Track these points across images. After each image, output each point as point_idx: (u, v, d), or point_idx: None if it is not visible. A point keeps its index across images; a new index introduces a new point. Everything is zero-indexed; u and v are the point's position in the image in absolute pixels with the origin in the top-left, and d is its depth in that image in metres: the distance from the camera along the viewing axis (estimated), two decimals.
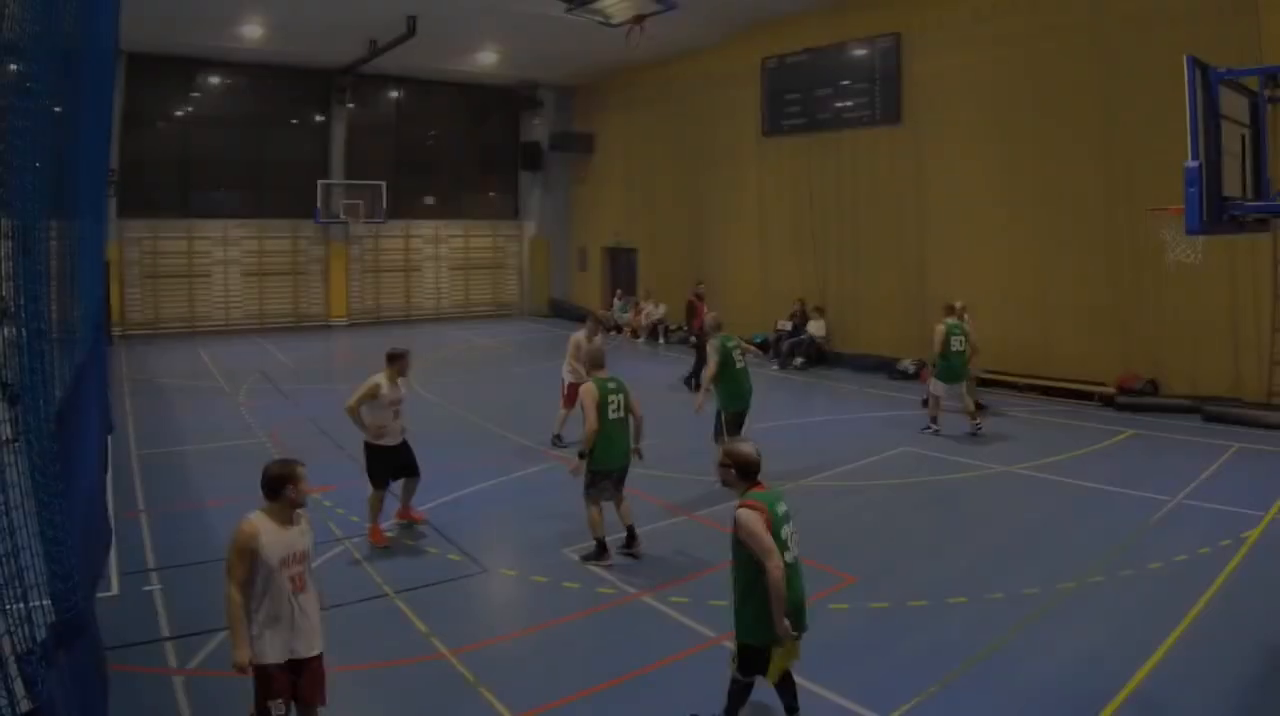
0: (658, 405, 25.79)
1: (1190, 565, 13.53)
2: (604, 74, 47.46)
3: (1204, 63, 10.28)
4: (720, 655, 10.40)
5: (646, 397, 25.22)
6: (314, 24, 35.98)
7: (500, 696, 9.68)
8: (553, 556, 14.17)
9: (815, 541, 14.68)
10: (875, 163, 33.45)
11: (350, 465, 18.67)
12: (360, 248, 47.96)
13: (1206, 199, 10.07)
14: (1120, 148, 26.06)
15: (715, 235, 41.31)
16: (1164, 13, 24.82)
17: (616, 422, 13.91)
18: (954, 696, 9.77)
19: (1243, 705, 9.57)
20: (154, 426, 23.51)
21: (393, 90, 48.67)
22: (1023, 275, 28.88)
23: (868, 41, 33.37)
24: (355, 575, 13.32)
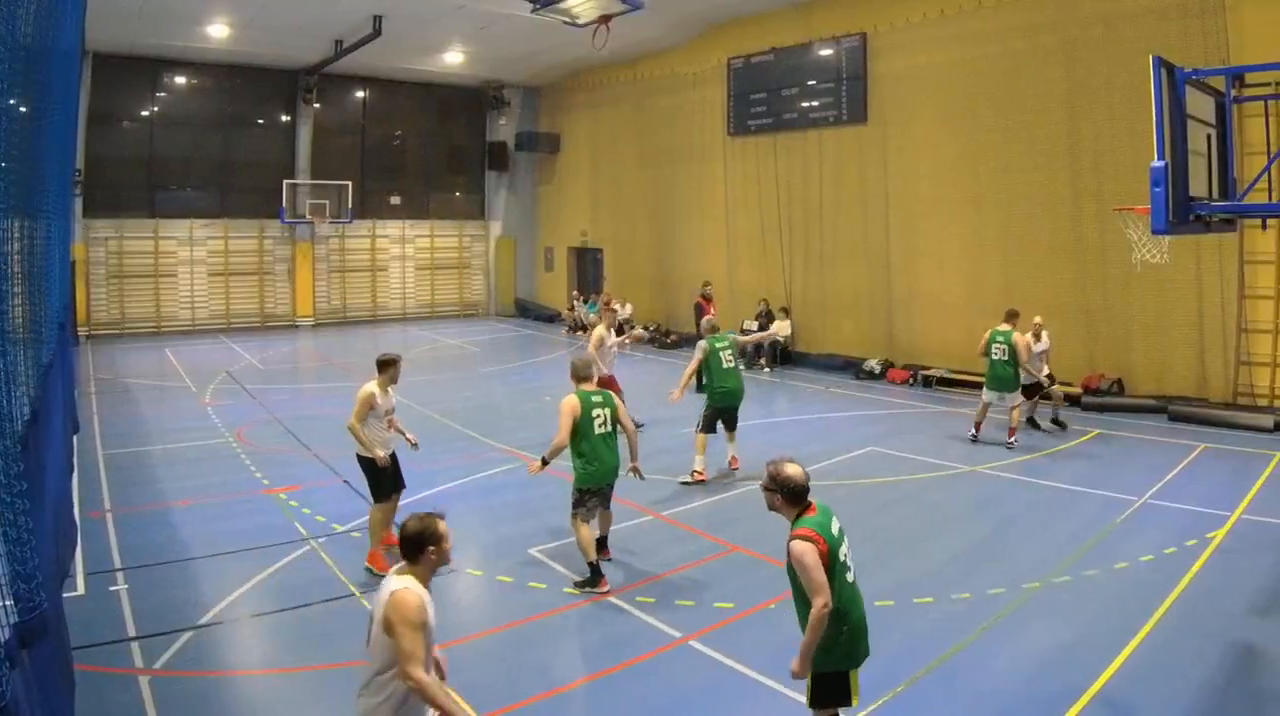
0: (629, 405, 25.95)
1: (1156, 565, 13.60)
2: (570, 74, 47.55)
3: (1170, 63, 10.34)
4: (687, 655, 10.61)
5: None
6: (280, 24, 35.97)
7: (466, 696, 9.58)
8: (519, 556, 14.17)
9: (781, 541, 14.76)
10: (841, 163, 33.56)
11: (315, 464, 18.77)
12: (326, 248, 47.91)
13: (1173, 199, 10.15)
14: (1086, 147, 26.22)
15: (681, 235, 41.43)
16: (1130, 13, 24.99)
17: (603, 437, 13.37)
18: (921, 696, 9.81)
19: (1209, 705, 9.61)
20: (120, 426, 23.44)
21: (359, 90, 48.61)
22: (988, 275, 29.04)
23: (833, 41, 33.51)
24: (321, 574, 13.30)
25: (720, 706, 9.70)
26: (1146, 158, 10.14)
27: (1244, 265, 23.88)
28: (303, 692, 10.01)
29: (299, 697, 9.92)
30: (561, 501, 14.78)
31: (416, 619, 6.77)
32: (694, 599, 12.36)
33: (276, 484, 17.98)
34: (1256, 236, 22.14)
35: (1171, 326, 24.93)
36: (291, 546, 14.47)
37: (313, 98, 45.72)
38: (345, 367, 33.50)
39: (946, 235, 30.30)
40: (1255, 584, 12.83)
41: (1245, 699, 9.75)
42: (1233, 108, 12.76)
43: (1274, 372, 23.68)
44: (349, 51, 38.59)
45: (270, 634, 11.54)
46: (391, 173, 50.47)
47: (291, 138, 46.25)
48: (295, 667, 10.40)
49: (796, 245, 35.36)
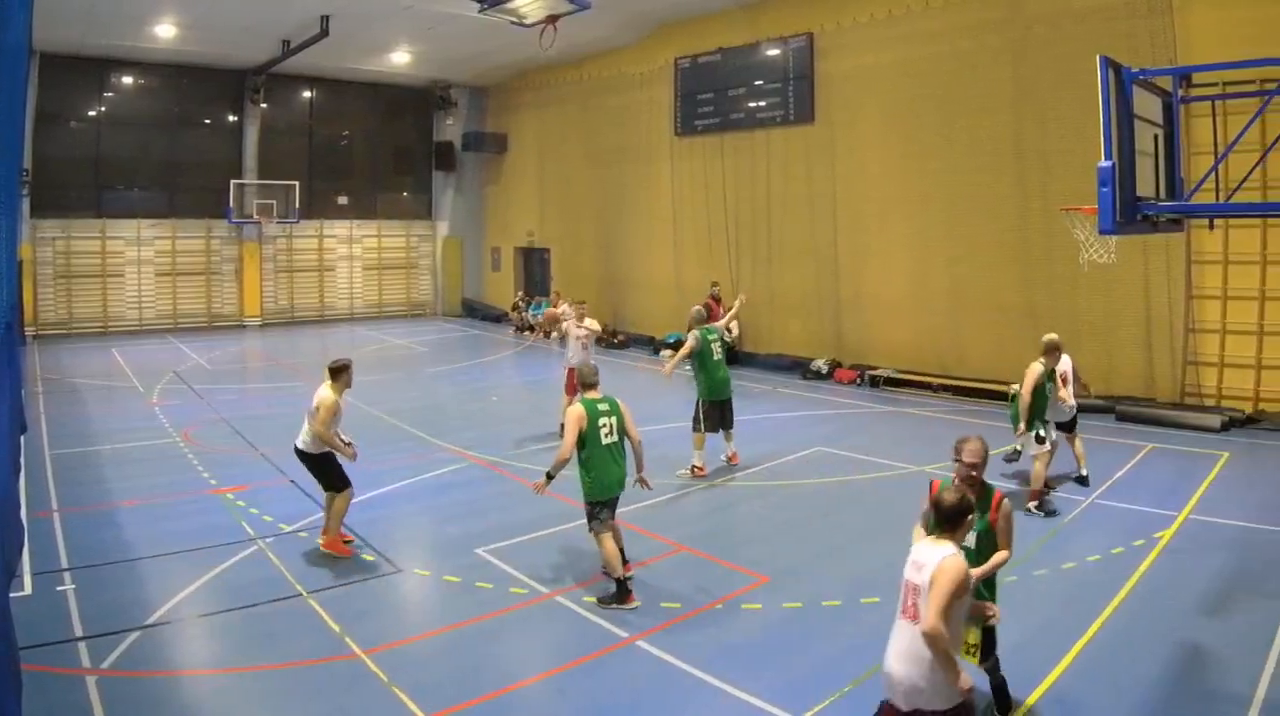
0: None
1: (1104, 565, 13.69)
2: (517, 74, 47.54)
3: (1117, 63, 10.39)
4: (634, 655, 10.69)
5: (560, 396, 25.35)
6: (227, 24, 35.83)
7: (413, 696, 9.69)
8: (466, 556, 14.16)
9: (727, 541, 14.91)
10: (788, 163, 33.63)
11: (263, 464, 18.76)
12: (273, 248, 47.79)
13: (1120, 199, 10.22)
14: (1033, 147, 26.35)
15: (629, 235, 41.46)
16: (1077, 13, 25.14)
17: (611, 448, 12.81)
18: (868, 696, 9.46)
19: (1156, 704, 9.71)
20: (67, 426, 23.36)
21: (306, 90, 48.53)
22: (936, 275, 29.15)
23: (780, 41, 33.57)
24: (269, 575, 13.26)
25: (667, 706, 9.73)
26: (1093, 158, 10.20)
27: (1191, 265, 24.04)
28: (250, 692, 10.00)
29: (246, 697, 9.90)
30: (508, 501, 14.95)
31: (964, 586, 7.40)
32: (641, 598, 12.35)
33: (224, 484, 17.93)
34: (1204, 236, 22.40)
35: (1119, 326, 25.06)
36: (239, 546, 14.43)
37: (260, 98, 45.58)
38: (292, 368, 33.58)
39: (893, 235, 30.39)
40: (1202, 584, 12.92)
41: (1193, 698, 9.85)
42: (1180, 108, 12.79)
43: (1221, 373, 23.89)
44: (296, 51, 38.53)
45: (217, 634, 11.49)
46: (338, 173, 50.40)
47: (239, 138, 46.09)
48: (243, 667, 10.38)
49: (744, 245, 35.46)
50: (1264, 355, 23.25)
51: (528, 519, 15.41)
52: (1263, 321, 23.20)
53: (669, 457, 19.34)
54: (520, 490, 16.55)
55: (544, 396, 28.06)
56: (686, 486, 18.20)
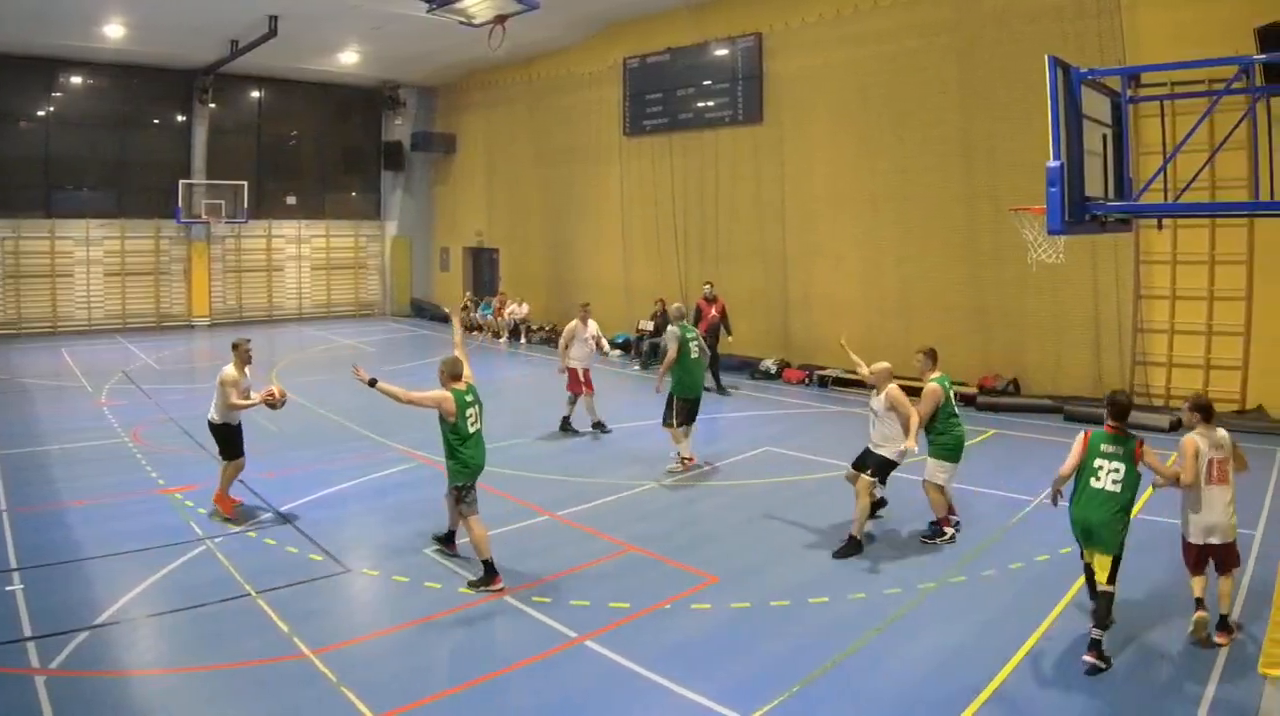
0: (523, 406, 25.94)
1: (1052, 565, 13.78)
2: (466, 74, 47.49)
3: (1066, 63, 10.47)
4: (582, 655, 10.74)
5: (511, 398, 25.34)
6: (176, 24, 35.64)
7: (362, 696, 9.70)
8: (414, 556, 14.19)
9: (677, 541, 14.90)
10: (737, 162, 33.72)
11: (211, 464, 18.54)
12: (222, 248, 47.57)
13: (1068, 199, 10.29)
14: (982, 147, 26.48)
15: (577, 235, 41.51)
16: (1026, 13, 25.28)
17: (477, 435, 13.76)
18: (816, 696, 9.87)
19: (1104, 703, 9.76)
20: (16, 426, 23.32)
21: (254, 90, 48.31)
22: (884, 274, 29.29)
23: (729, 41, 33.66)
24: (217, 575, 13.23)
25: (615, 706, 9.77)
26: (1042, 157, 10.28)
27: (1139, 265, 24.19)
28: (199, 692, 9.98)
29: (195, 697, 9.89)
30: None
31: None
32: (589, 598, 12.38)
33: (172, 483, 17.91)
34: (1152, 236, 22.60)
35: (1067, 326, 25.19)
36: (187, 546, 14.41)
37: (208, 98, 45.32)
38: None
39: (842, 235, 30.46)
40: (1150, 582, 13.05)
41: (1140, 695, 9.91)
42: (1129, 108, 12.86)
43: (1170, 373, 24.04)
44: (245, 51, 38.39)
45: (166, 633, 11.47)
46: (287, 173, 50.19)
47: (187, 138, 45.87)
48: (192, 667, 10.38)
49: (692, 245, 35.54)
50: (1212, 355, 23.45)
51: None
52: (1211, 321, 23.40)
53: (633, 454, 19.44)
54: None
55: (492, 396, 28.15)
56: (628, 486, 18.17)
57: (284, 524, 15.67)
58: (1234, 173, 18.50)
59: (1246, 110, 12.32)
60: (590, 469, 19.67)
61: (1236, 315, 23.09)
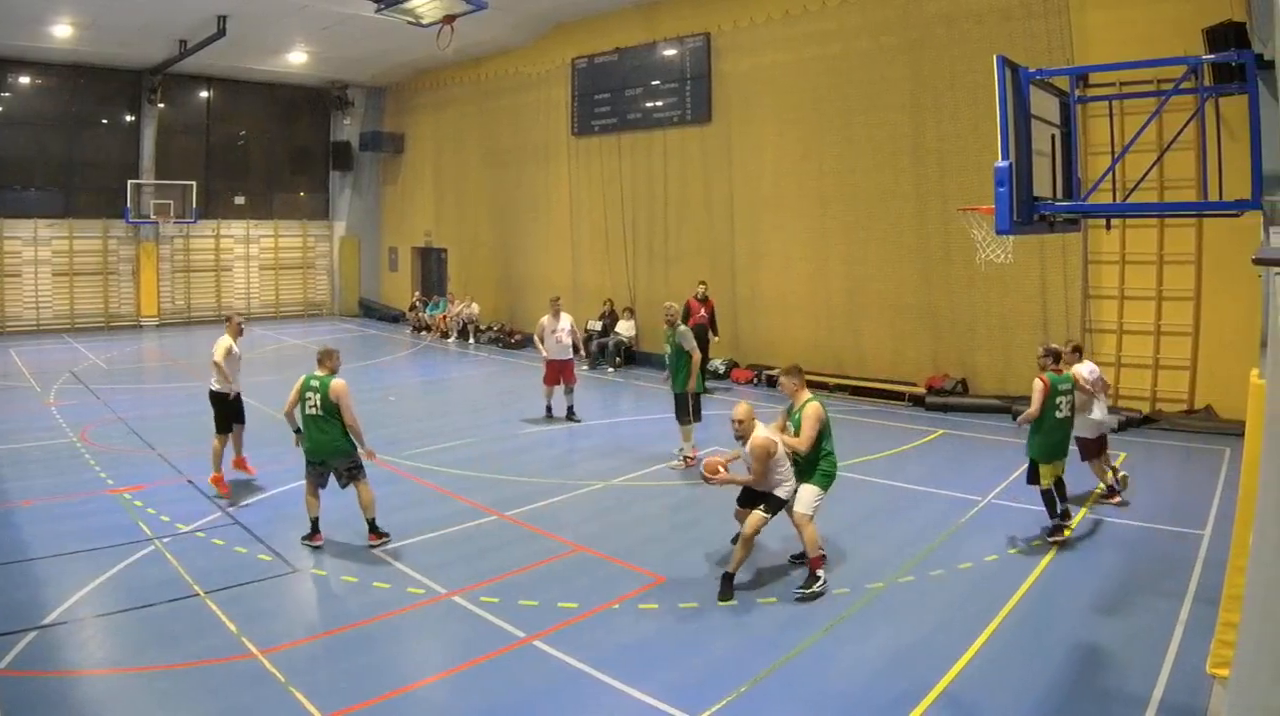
0: (472, 406, 25.97)
1: (1000, 565, 13.83)
2: (414, 74, 47.51)
3: (1014, 63, 10.50)
4: (531, 655, 10.75)
5: (460, 398, 25.33)
6: (124, 24, 35.50)
7: (311, 696, 9.70)
8: (363, 556, 14.21)
9: (624, 541, 14.96)
10: (686, 162, 33.77)
11: (160, 464, 18.72)
12: (171, 248, 47.39)
13: (1017, 199, 10.29)
14: (931, 147, 26.54)
15: (526, 235, 41.48)
16: (974, 13, 25.36)
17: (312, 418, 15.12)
18: (764, 696, 9.89)
19: (1053, 704, 9.80)
20: None
21: (203, 90, 48.10)
22: (833, 275, 29.29)
23: (677, 41, 33.68)
24: (165, 575, 13.20)
25: (563, 706, 9.77)
26: (991, 157, 10.28)
27: (1088, 265, 24.26)
28: (148, 692, 9.96)
29: (144, 697, 9.86)
30: (405, 501, 15.08)
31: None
32: (538, 599, 12.40)
33: (121, 484, 17.85)
34: (1101, 236, 22.68)
35: (1016, 326, 25.21)
36: (136, 546, 14.38)
37: (157, 98, 45.18)
38: (189, 368, 33.14)
39: (791, 235, 30.50)
40: (1098, 584, 13.07)
41: (1091, 699, 9.94)
42: (1077, 107, 12.92)
43: (1118, 372, 24.05)
44: (193, 51, 38.20)
45: (115, 633, 11.44)
46: (236, 173, 50.03)
47: (136, 138, 45.71)
48: (140, 667, 10.36)
49: (641, 245, 35.58)
50: (1161, 355, 23.55)
51: (424, 518, 15.53)
52: (1160, 321, 23.50)
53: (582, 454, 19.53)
54: (417, 490, 16.62)
55: (441, 396, 28.10)
56: (574, 486, 18.19)
57: (233, 524, 15.65)
58: (1182, 173, 18.66)
59: (1195, 110, 12.39)
60: (540, 469, 19.68)
61: (1185, 315, 23.20)
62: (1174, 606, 12.06)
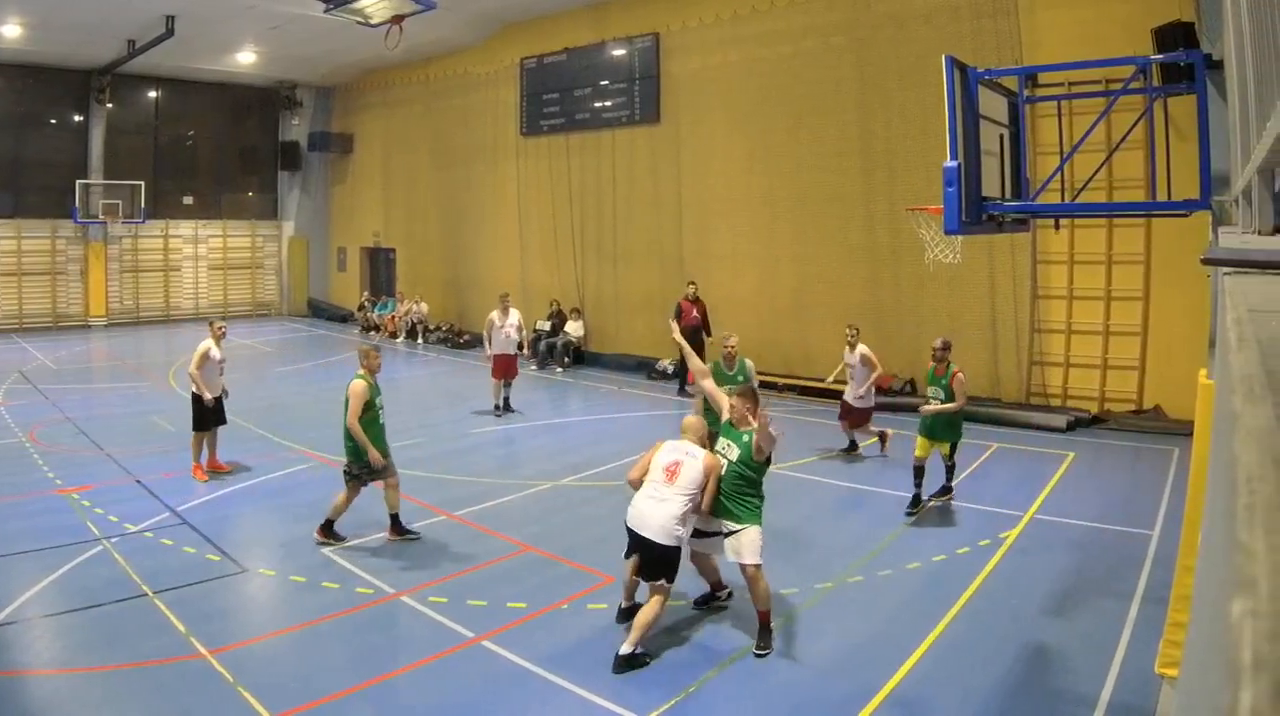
0: (422, 405, 25.97)
1: (949, 565, 13.89)
2: (363, 74, 47.47)
3: (963, 63, 10.61)
4: (479, 655, 10.80)
5: (410, 398, 25.38)
6: (72, 23, 35.35)
7: (259, 696, 9.70)
8: (312, 556, 14.21)
9: (572, 541, 15.03)
10: (634, 163, 33.86)
11: (109, 464, 18.69)
12: (119, 248, 47.24)
13: (965, 198, 10.39)
14: (879, 147, 26.65)
15: (474, 235, 41.54)
16: (922, 13, 25.51)
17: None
18: (712, 696, 9.97)
19: (1001, 704, 9.88)
20: None
21: (151, 90, 47.96)
22: (781, 274, 29.44)
23: (626, 41, 33.80)
24: (114, 575, 13.17)
25: (512, 706, 9.80)
26: (939, 157, 10.43)
27: (1037, 265, 24.43)
28: (95, 693, 9.96)
29: (91, 698, 9.87)
30: (357, 502, 14.95)
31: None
32: (486, 598, 12.44)
33: (69, 483, 17.77)
34: (1049, 236, 22.79)
35: (965, 326, 25.17)
36: (84, 546, 14.34)
37: (106, 98, 44.99)
38: (137, 368, 33.32)
39: (739, 235, 30.61)
40: (1048, 584, 13.14)
41: (1039, 699, 10.00)
42: (1025, 107, 13.04)
43: (1067, 372, 24.29)
44: (142, 51, 38.12)
45: (63, 634, 11.43)
46: (184, 173, 49.89)
47: (84, 138, 45.53)
48: (88, 668, 10.36)
49: (589, 245, 35.69)
50: (1109, 355, 23.72)
51: (374, 519, 15.42)
52: (1108, 321, 23.68)
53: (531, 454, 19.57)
54: (366, 490, 16.63)
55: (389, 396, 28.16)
56: (523, 486, 18.24)
57: (181, 524, 15.58)
58: (1131, 173, 18.90)
59: (1144, 110, 12.53)
60: (488, 469, 19.77)
61: (1134, 315, 23.38)
62: (1122, 606, 12.14)
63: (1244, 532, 0.82)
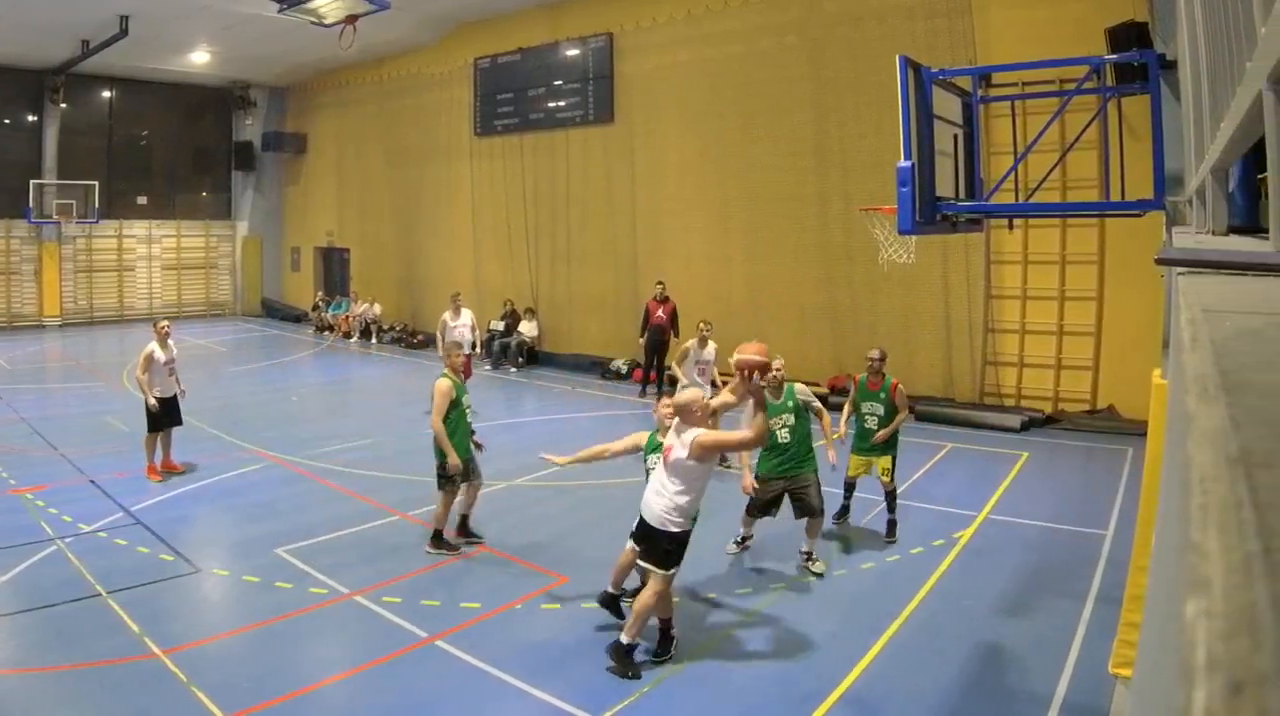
0: (376, 405, 26.02)
1: (903, 565, 13.96)
2: (317, 74, 47.35)
3: (916, 63, 10.68)
4: (433, 655, 10.84)
5: (364, 398, 25.40)
6: (26, 23, 35.18)
7: (213, 696, 9.69)
8: (265, 556, 14.17)
9: (526, 541, 15.10)
10: (588, 163, 33.90)
11: (63, 464, 18.67)
12: (73, 248, 47.08)
13: (919, 198, 10.47)
14: (833, 147, 26.71)
15: (428, 236, 41.54)
16: (876, 12, 25.56)
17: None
18: (668, 696, 10.01)
19: (955, 704, 9.93)
20: None
21: (105, 90, 47.75)
22: (735, 274, 29.51)
23: (580, 41, 33.86)
24: (67, 575, 13.15)
25: (466, 706, 9.84)
26: (893, 157, 10.49)
27: (990, 265, 24.51)
28: (48, 693, 9.98)
29: (44, 698, 9.88)
30: (307, 501, 15.14)
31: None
32: (440, 598, 12.48)
33: (23, 483, 17.73)
34: (1003, 236, 22.79)
35: (919, 326, 25.37)
36: (38, 546, 14.32)
37: (59, 98, 44.85)
38: (91, 368, 33.24)
39: (693, 235, 30.68)
40: (1002, 584, 13.20)
41: (993, 699, 10.06)
42: (979, 107, 13.14)
43: (1020, 372, 24.41)
44: (96, 51, 38.02)
45: (15, 634, 11.43)
46: (138, 173, 49.70)
47: (38, 138, 45.39)
48: (41, 668, 10.37)
49: (543, 245, 35.70)
50: (1063, 355, 23.86)
51: (327, 519, 15.55)
52: (1062, 321, 23.82)
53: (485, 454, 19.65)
54: (320, 490, 16.68)
55: (344, 396, 28.13)
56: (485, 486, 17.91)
57: (135, 524, 15.56)
58: (1085, 172, 18.97)
59: (1097, 110, 12.62)
60: None
61: (1087, 315, 23.51)
62: (1076, 606, 12.21)
63: (1198, 533, 0.88)
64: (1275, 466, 0.94)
